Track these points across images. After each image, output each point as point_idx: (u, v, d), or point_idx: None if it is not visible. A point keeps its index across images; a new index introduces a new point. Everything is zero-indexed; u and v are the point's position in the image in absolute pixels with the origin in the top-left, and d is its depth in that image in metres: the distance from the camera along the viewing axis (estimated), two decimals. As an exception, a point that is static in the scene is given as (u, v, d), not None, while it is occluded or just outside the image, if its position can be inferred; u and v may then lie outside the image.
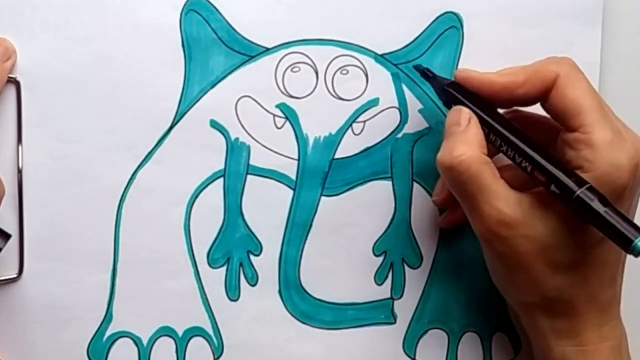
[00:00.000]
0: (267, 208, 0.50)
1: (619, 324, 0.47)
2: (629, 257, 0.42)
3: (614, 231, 0.40)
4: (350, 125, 0.50)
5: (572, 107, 0.44)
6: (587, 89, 0.45)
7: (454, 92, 0.47)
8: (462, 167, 0.44)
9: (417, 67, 0.49)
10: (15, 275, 0.48)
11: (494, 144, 0.46)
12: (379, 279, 0.52)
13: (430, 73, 0.49)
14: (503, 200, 0.44)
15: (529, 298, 0.46)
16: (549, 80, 0.45)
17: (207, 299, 0.50)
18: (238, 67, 0.49)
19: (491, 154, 0.45)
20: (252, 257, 0.51)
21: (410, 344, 0.52)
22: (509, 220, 0.44)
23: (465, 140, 0.45)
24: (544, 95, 0.45)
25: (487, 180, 0.44)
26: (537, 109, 0.47)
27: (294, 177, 0.50)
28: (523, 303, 0.47)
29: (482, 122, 0.46)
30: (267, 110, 0.50)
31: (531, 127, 0.48)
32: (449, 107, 0.47)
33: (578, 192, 0.41)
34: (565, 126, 0.45)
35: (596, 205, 0.41)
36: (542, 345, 0.47)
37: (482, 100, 0.46)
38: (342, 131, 0.50)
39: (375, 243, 0.51)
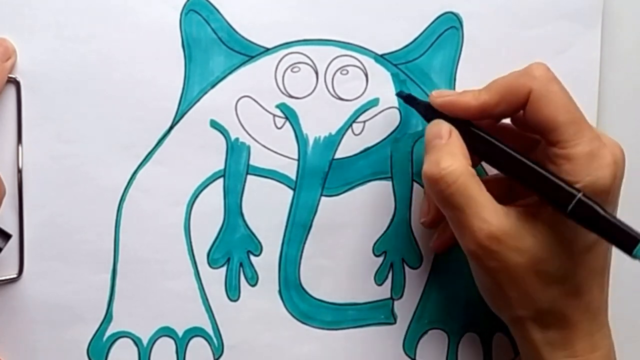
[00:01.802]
0: (267, 208, 0.50)
1: (608, 331, 0.47)
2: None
3: (617, 235, 0.40)
4: (350, 125, 0.50)
5: (546, 123, 0.44)
6: (560, 103, 0.44)
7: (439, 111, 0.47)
8: (450, 178, 0.43)
9: (400, 94, 0.50)
10: (15, 275, 0.48)
11: (486, 158, 0.46)
12: (379, 279, 0.52)
13: (414, 97, 0.49)
14: (492, 213, 0.43)
15: (521, 312, 0.45)
16: (523, 96, 0.44)
17: (207, 299, 0.50)
18: (238, 67, 0.49)
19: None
20: (252, 257, 0.51)
21: (410, 344, 0.52)
22: (499, 234, 0.43)
23: (450, 152, 0.44)
24: (520, 109, 0.45)
25: (475, 192, 0.43)
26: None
27: (294, 177, 0.50)
28: (515, 317, 0.46)
29: (474, 137, 0.46)
30: (267, 111, 0.50)
31: (508, 138, 0.47)
32: None
33: (579, 196, 0.41)
34: (544, 140, 0.45)
35: (598, 209, 0.41)
36: (534, 358, 0.46)
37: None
38: (342, 131, 0.50)
39: (375, 243, 0.51)
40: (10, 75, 0.47)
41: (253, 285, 0.51)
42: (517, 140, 0.47)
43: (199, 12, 0.49)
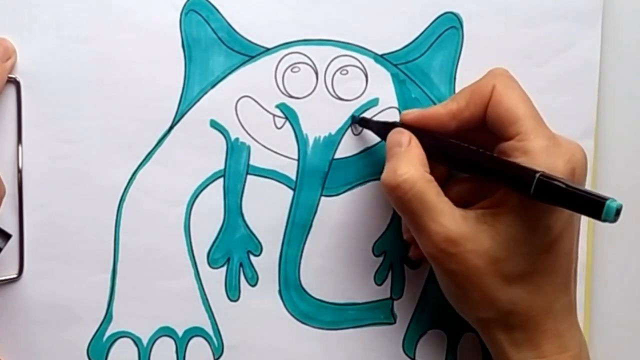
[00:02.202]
0: (267, 208, 0.50)
1: (578, 332, 0.47)
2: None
3: (582, 201, 0.40)
4: (350, 125, 0.50)
5: (507, 115, 0.45)
6: (521, 98, 0.46)
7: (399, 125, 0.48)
8: (407, 185, 0.44)
9: (354, 119, 0.50)
10: (15, 275, 0.48)
11: (447, 162, 0.47)
12: (379, 279, 0.52)
13: (365, 119, 0.50)
14: (449, 217, 0.44)
15: (485, 313, 0.46)
16: (487, 93, 0.46)
17: (207, 299, 0.50)
18: (238, 67, 0.49)
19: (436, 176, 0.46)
20: (252, 257, 0.51)
21: (410, 344, 0.52)
22: (456, 237, 0.44)
23: (408, 160, 0.45)
24: (485, 108, 0.46)
25: (432, 198, 0.44)
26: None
27: (294, 177, 0.50)
28: (480, 320, 0.46)
29: (434, 142, 0.46)
30: (267, 111, 0.50)
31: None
32: None
33: (539, 175, 0.41)
34: (502, 135, 0.45)
35: (559, 183, 0.41)
36: (503, 359, 0.46)
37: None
38: (342, 131, 0.50)
39: (375, 243, 0.51)
40: (10, 75, 0.47)
41: (253, 285, 0.51)
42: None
43: (199, 12, 0.49)
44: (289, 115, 0.50)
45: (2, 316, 0.48)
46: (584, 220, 0.51)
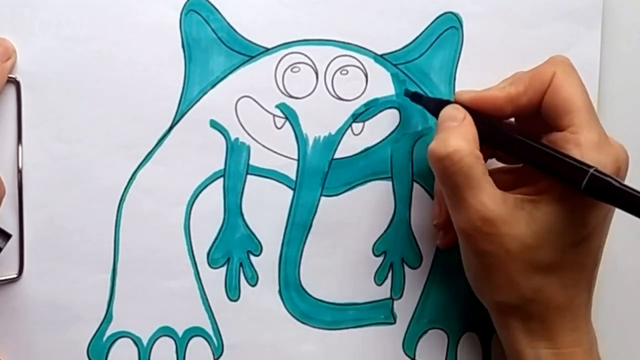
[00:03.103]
0: (267, 208, 0.50)
1: (591, 328, 0.47)
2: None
3: (634, 200, 0.40)
4: (350, 125, 0.50)
5: (564, 105, 0.45)
6: (580, 90, 0.45)
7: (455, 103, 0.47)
8: (456, 156, 0.44)
9: (406, 92, 0.50)
10: (15, 275, 0.48)
11: (498, 146, 0.46)
12: (379, 279, 0.52)
13: (419, 95, 0.49)
14: (490, 197, 0.44)
15: (505, 298, 0.46)
16: (547, 80, 0.45)
17: (207, 299, 0.50)
18: (238, 67, 0.49)
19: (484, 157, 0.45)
20: (252, 257, 0.51)
21: (410, 344, 0.52)
22: (493, 217, 0.44)
23: (460, 134, 0.45)
24: (544, 95, 0.46)
25: (478, 174, 0.44)
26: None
27: (293, 177, 0.50)
28: (498, 303, 0.47)
29: (487, 125, 0.46)
30: (267, 111, 0.50)
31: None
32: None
33: (592, 171, 0.42)
34: (555, 125, 0.45)
35: (612, 181, 0.41)
36: (515, 348, 0.46)
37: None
38: (341, 131, 0.50)
39: (375, 243, 0.51)
40: (10, 75, 0.47)
41: (253, 285, 0.51)
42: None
43: (199, 12, 0.49)
44: (289, 115, 0.50)
45: (2, 316, 0.48)
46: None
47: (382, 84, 0.50)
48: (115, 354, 0.50)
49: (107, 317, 0.49)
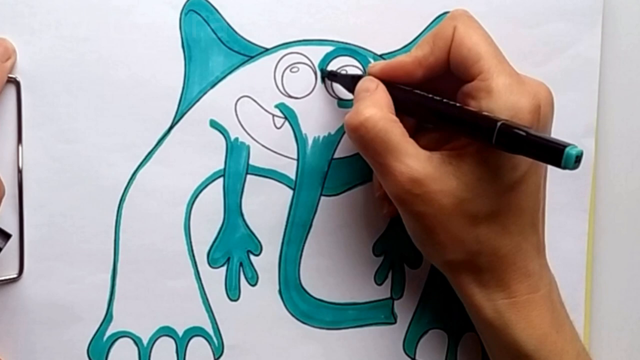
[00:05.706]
0: (267, 208, 0.50)
1: (548, 272, 0.47)
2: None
3: (543, 148, 0.39)
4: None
5: (470, 55, 0.44)
6: (483, 38, 0.45)
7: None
8: (369, 123, 0.44)
9: (323, 72, 0.50)
10: (15, 275, 0.48)
11: (409, 112, 0.46)
12: (379, 279, 0.52)
13: (334, 73, 0.49)
14: (413, 158, 0.44)
15: (452, 256, 0.45)
16: (449, 35, 0.45)
17: (207, 299, 0.50)
18: (237, 67, 0.49)
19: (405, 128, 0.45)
20: (252, 257, 0.51)
21: (410, 344, 0.52)
22: (421, 177, 0.43)
23: (372, 102, 0.45)
24: (449, 50, 0.45)
25: (396, 137, 0.44)
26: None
27: (293, 177, 0.50)
28: (448, 262, 0.46)
29: (399, 92, 0.46)
30: (266, 110, 0.50)
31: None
32: None
33: (500, 124, 0.41)
34: (466, 77, 0.45)
35: (519, 132, 0.40)
36: (474, 305, 0.46)
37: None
38: (341, 131, 0.50)
39: (375, 243, 0.51)
40: (10, 75, 0.47)
41: (253, 285, 0.51)
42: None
43: (198, 12, 0.49)
44: (288, 115, 0.50)
45: (2, 316, 0.48)
46: (585, 220, 0.51)
47: (382, 84, 0.50)
48: (115, 354, 0.50)
49: (107, 317, 0.49)
